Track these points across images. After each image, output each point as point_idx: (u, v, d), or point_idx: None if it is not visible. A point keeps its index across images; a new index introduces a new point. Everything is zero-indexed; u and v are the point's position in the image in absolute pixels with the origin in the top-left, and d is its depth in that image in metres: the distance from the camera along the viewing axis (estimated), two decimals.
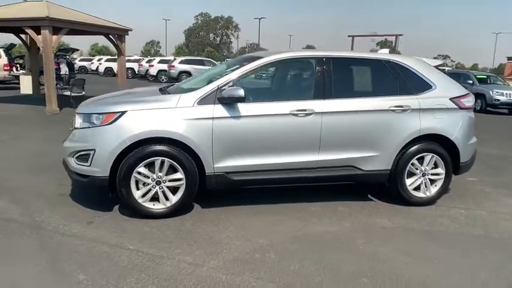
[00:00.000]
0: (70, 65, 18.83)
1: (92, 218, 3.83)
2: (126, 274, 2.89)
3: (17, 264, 2.96)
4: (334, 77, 4.15)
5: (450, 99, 4.46)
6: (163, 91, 4.48)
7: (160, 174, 3.79)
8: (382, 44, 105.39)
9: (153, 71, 25.51)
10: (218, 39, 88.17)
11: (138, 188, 3.79)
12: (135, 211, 3.84)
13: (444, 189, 4.59)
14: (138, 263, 3.06)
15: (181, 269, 2.99)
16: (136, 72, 28.01)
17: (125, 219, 3.85)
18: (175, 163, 3.77)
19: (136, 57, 34.62)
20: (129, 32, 12.64)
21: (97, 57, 34.69)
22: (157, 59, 27.44)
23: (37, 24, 9.71)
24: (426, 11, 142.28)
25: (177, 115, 3.78)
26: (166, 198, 3.86)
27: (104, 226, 3.68)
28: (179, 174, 3.81)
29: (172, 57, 27.06)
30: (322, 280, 2.93)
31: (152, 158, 3.73)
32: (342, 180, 4.34)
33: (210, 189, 3.99)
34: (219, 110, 3.84)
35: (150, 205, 3.84)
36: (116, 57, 33.52)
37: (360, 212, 4.31)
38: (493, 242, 3.74)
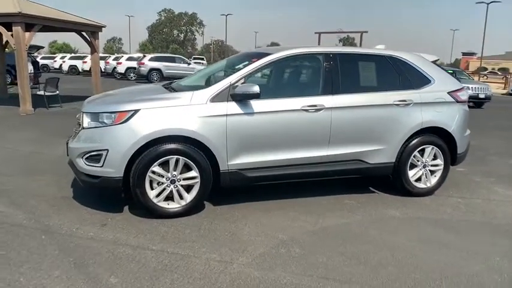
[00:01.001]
0: (35, 64, 18.04)
1: (104, 220, 3.72)
2: (158, 275, 2.84)
3: (46, 270, 2.83)
4: (342, 72, 4.23)
5: (448, 93, 4.65)
6: (169, 88, 4.40)
7: (174, 173, 3.73)
8: (345, 41, 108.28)
9: (121, 69, 24.81)
10: (182, 35, 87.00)
11: (152, 188, 3.72)
12: (150, 211, 3.75)
13: (443, 180, 4.79)
14: (167, 263, 3.01)
15: (212, 267, 2.97)
16: (103, 70, 27.05)
17: (138, 219, 3.76)
18: (190, 161, 3.72)
19: (100, 54, 33.53)
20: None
21: (60, 55, 33.34)
22: (126, 56, 26.70)
23: (8, 21, 9.22)
24: (386, 8, 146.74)
25: (191, 113, 3.72)
26: (181, 197, 3.81)
27: (119, 227, 3.58)
28: (194, 173, 3.77)
29: (141, 55, 26.40)
30: (352, 271, 3.00)
31: (167, 157, 3.67)
32: (349, 174, 4.44)
33: (224, 187, 3.96)
34: (233, 106, 3.82)
35: (164, 205, 3.78)
36: (81, 54, 32.21)
37: (367, 204, 4.42)
38: (496, 228, 3.95)
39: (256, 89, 3.72)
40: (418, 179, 4.67)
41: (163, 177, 3.71)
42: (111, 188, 3.68)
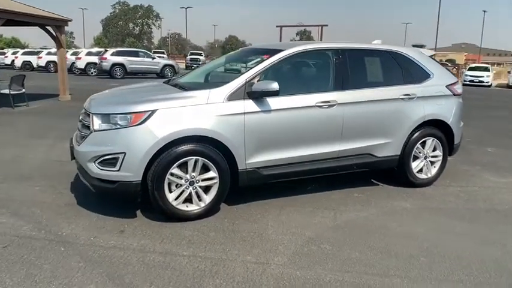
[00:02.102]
0: None
1: (120, 227, 3.54)
2: (199, 282, 2.74)
3: (79, 285, 2.64)
4: (351, 67, 4.28)
5: (446, 86, 4.82)
6: (177, 86, 4.25)
7: (193, 174, 3.61)
8: (302, 35, 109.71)
9: (80, 64, 23.66)
10: (138, 28, 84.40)
11: (170, 191, 3.58)
12: (169, 215, 3.62)
13: (442, 170, 4.98)
14: (203, 268, 2.91)
15: (251, 270, 2.91)
16: None
17: (157, 224, 3.62)
18: (209, 162, 3.62)
19: (54, 49, 31.94)
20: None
21: (11, 50, 31.27)
22: (85, 50, 25.45)
23: None
24: (341, 4, 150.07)
25: (209, 112, 3.61)
26: (199, 199, 3.70)
27: (140, 234, 3.42)
28: (212, 173, 3.67)
29: (102, 49, 25.29)
30: (388, 264, 3.05)
31: (186, 158, 3.54)
32: (359, 168, 4.49)
33: (241, 186, 3.89)
34: (250, 104, 3.75)
35: (183, 207, 3.66)
36: (34, 50, 30.45)
37: (376, 196, 4.51)
38: (501, 214, 4.16)
39: (275, 86, 3.67)
40: (420, 170, 4.82)
41: (181, 179, 3.59)
42: (130, 192, 3.50)
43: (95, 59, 23.14)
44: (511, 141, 7.97)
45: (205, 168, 3.66)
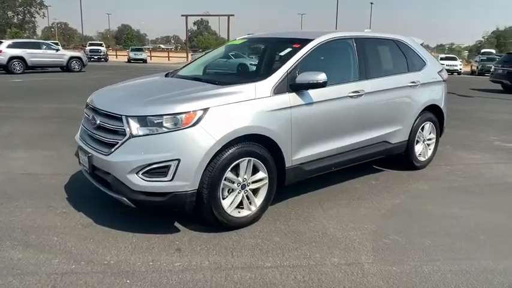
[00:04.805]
0: None
1: (171, 244, 3.08)
2: None
3: None
4: (371, 56, 4.29)
5: (437, 73, 5.13)
6: (200, 80, 3.83)
7: (245, 176, 3.30)
8: (199, 24, 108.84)
9: None
10: (18, 18, 74.94)
11: (223, 197, 3.22)
12: (225, 224, 3.24)
13: (435, 151, 5.32)
14: (302, 279, 2.67)
15: (351, 273, 2.75)
16: None
17: (209, 236, 3.22)
18: (259, 162, 3.34)
19: None
20: None
21: None
22: None
23: None
24: None
25: (259, 107, 3.31)
26: (250, 203, 3.40)
27: (200, 250, 3.01)
28: (262, 174, 3.39)
29: None
30: (463, 247, 3.14)
31: (240, 160, 3.21)
32: (378, 156, 4.56)
33: (287, 185, 3.67)
34: (294, 97, 3.54)
35: (236, 213, 3.32)
36: None
37: (392, 182, 4.65)
38: (499, 187, 4.58)
39: (322, 77, 3.49)
40: (419, 154, 5.08)
41: (234, 183, 3.25)
42: (184, 204, 3.03)
43: None
44: (452, 121, 8.86)
45: (254, 169, 3.37)
